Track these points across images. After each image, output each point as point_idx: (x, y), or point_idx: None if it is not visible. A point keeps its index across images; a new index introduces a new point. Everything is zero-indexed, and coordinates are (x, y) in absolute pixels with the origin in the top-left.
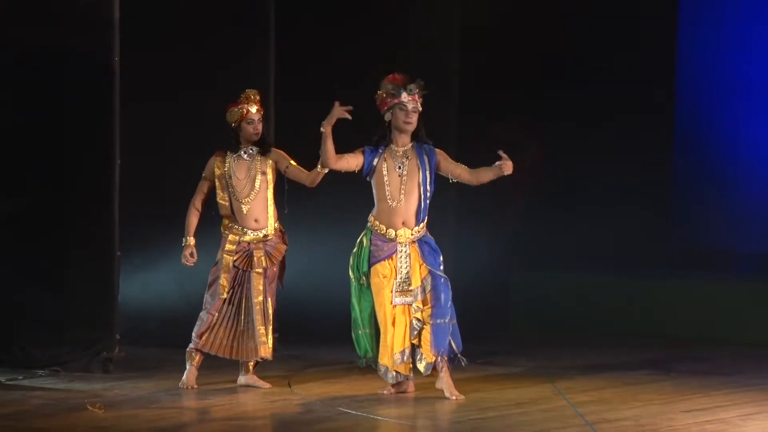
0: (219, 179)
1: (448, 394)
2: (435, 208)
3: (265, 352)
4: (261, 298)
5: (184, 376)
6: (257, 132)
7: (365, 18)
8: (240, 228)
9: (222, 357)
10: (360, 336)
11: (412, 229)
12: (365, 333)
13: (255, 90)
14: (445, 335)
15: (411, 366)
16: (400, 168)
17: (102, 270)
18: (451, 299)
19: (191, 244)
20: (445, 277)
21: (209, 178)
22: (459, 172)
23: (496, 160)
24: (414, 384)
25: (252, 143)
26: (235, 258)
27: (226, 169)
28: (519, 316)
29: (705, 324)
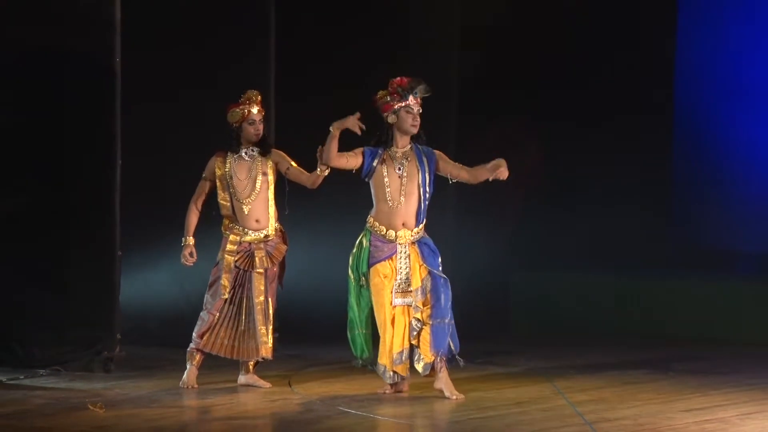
0: (220, 179)
1: (448, 393)
2: (434, 208)
3: (266, 352)
4: (262, 297)
5: (184, 375)
6: (258, 133)
7: (365, 18)
8: (241, 228)
9: (223, 357)
10: (356, 336)
11: (412, 230)
12: (362, 333)
13: (256, 91)
14: (445, 335)
15: (408, 366)
16: (400, 169)
17: (103, 270)
18: (451, 299)
19: (191, 243)
20: (445, 278)
21: (210, 178)
22: (457, 172)
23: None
24: (408, 384)
25: (253, 144)
26: (237, 258)
27: (227, 170)
28: (519, 316)
29: (705, 324)
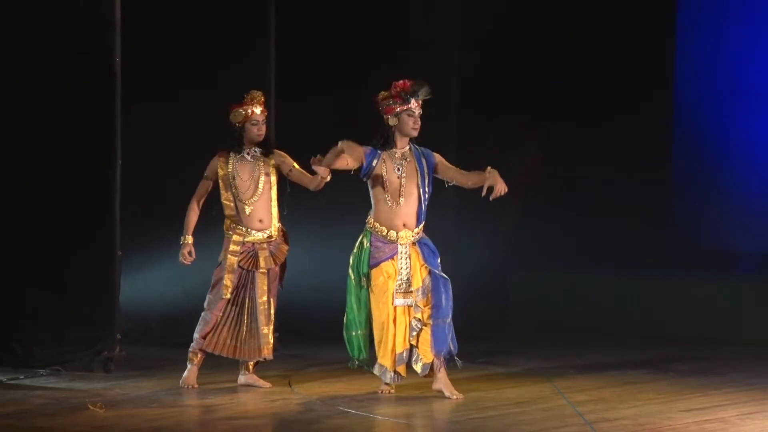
0: (223, 180)
1: (448, 393)
2: (434, 207)
3: (268, 352)
4: (265, 298)
5: (185, 374)
6: (261, 134)
7: (365, 18)
8: (244, 228)
9: (225, 357)
10: (353, 337)
11: (412, 231)
12: (360, 334)
13: (260, 91)
14: (445, 336)
15: (405, 367)
16: (399, 170)
17: (103, 270)
18: (452, 300)
19: (189, 242)
20: (446, 278)
21: (211, 178)
22: (453, 174)
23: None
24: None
25: (255, 144)
26: (240, 258)
27: (229, 170)
28: (519, 316)
29: (705, 324)
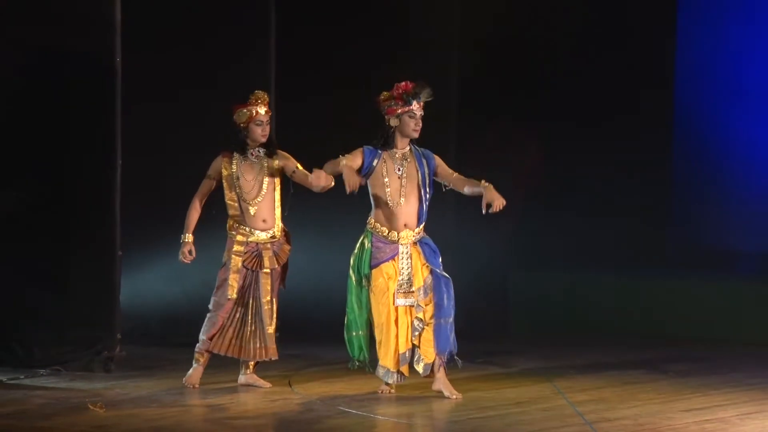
0: (227, 180)
1: (447, 393)
2: (434, 208)
3: (274, 352)
4: (269, 298)
5: (190, 372)
6: (265, 134)
7: (365, 18)
8: (248, 229)
9: (230, 357)
10: (354, 338)
11: (413, 231)
12: (360, 335)
13: (264, 91)
14: (448, 336)
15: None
16: (399, 170)
17: (103, 270)
18: (454, 299)
19: (190, 241)
20: (448, 277)
21: (214, 177)
22: (451, 178)
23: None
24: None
25: (259, 145)
26: (244, 258)
27: (233, 170)
28: (519, 316)
29: (705, 324)
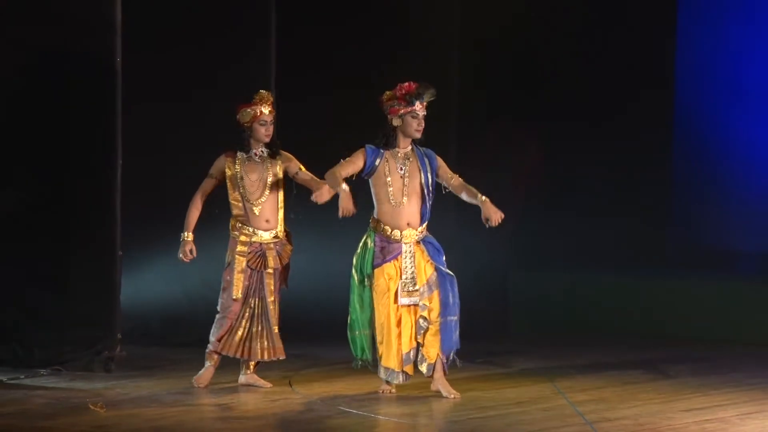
0: (230, 179)
1: (445, 393)
2: (435, 208)
3: (281, 352)
4: (273, 297)
5: (201, 372)
6: (269, 134)
7: (365, 18)
8: (251, 229)
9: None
10: (357, 337)
11: (416, 229)
12: (364, 335)
13: (268, 91)
14: (452, 334)
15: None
16: (401, 169)
17: (103, 269)
18: (459, 297)
19: (190, 240)
20: (452, 275)
21: (216, 176)
22: (450, 181)
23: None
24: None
25: (263, 145)
26: (248, 259)
27: (237, 170)
28: (519, 316)
29: (705, 324)
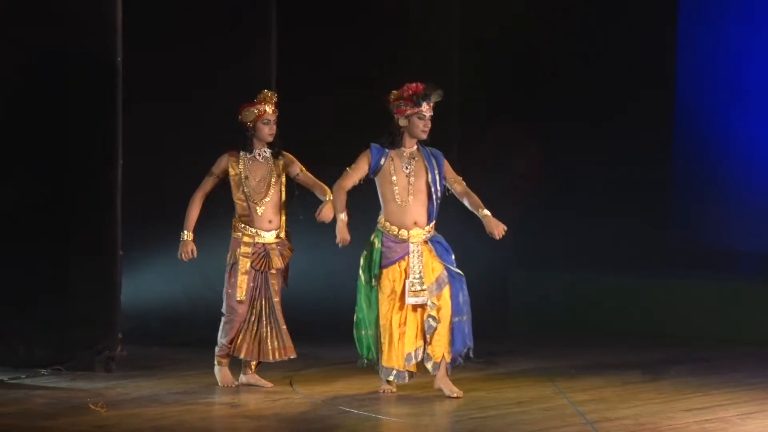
0: (234, 179)
1: (448, 392)
2: None
3: (292, 351)
4: (278, 297)
5: (220, 376)
6: (272, 133)
7: (365, 18)
8: (254, 230)
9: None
10: (363, 337)
11: (423, 229)
12: (369, 334)
13: (272, 91)
14: (464, 335)
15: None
16: (407, 168)
17: (104, 269)
18: (468, 295)
19: (191, 240)
20: (461, 274)
21: (218, 175)
22: (454, 185)
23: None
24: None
25: (266, 144)
26: (252, 260)
27: (240, 170)
28: (519, 316)
29: (705, 324)
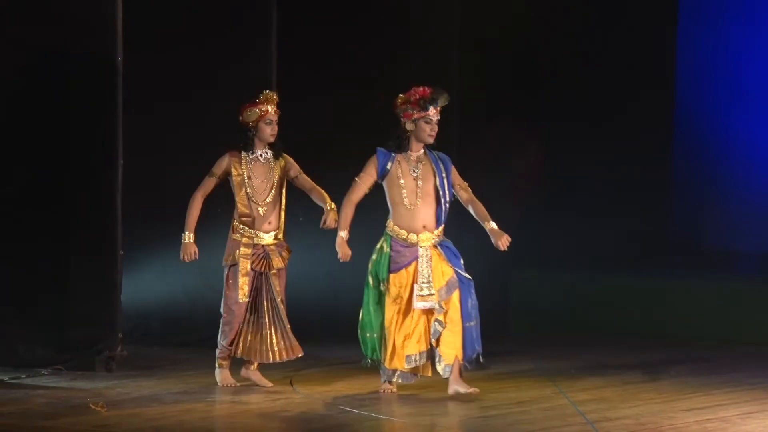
0: (236, 180)
1: (464, 390)
2: None
3: (299, 349)
4: (281, 297)
5: (220, 376)
6: (274, 133)
7: (365, 18)
8: (253, 231)
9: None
10: (368, 339)
11: (432, 232)
12: (375, 337)
13: (274, 91)
14: (473, 339)
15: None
16: (414, 171)
17: (104, 269)
18: (476, 300)
19: (193, 241)
20: (469, 279)
21: (219, 176)
22: (460, 192)
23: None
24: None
25: (267, 145)
26: (252, 261)
27: (243, 170)
28: (519, 316)
29: (705, 324)
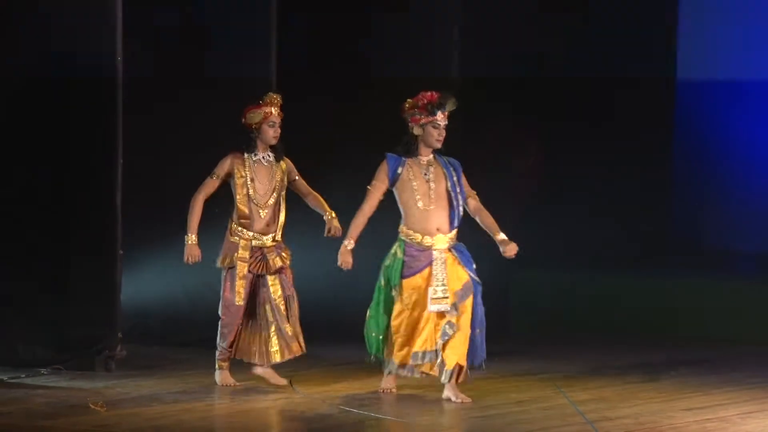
0: (239, 182)
1: (455, 398)
2: None
3: (299, 348)
4: (281, 297)
5: (219, 377)
6: (277, 136)
7: (365, 18)
8: (251, 233)
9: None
10: (373, 338)
11: (446, 235)
12: (380, 338)
13: (278, 94)
14: (478, 347)
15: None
16: (426, 174)
17: (104, 269)
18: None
19: (196, 243)
20: (480, 283)
21: (221, 177)
22: (470, 201)
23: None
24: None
25: (270, 147)
26: (250, 263)
27: (246, 172)
28: (519, 316)
29: (705, 324)
